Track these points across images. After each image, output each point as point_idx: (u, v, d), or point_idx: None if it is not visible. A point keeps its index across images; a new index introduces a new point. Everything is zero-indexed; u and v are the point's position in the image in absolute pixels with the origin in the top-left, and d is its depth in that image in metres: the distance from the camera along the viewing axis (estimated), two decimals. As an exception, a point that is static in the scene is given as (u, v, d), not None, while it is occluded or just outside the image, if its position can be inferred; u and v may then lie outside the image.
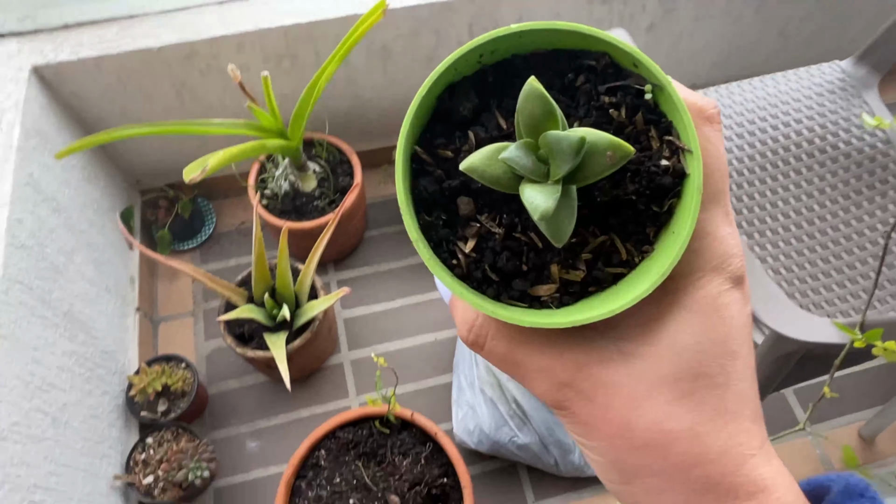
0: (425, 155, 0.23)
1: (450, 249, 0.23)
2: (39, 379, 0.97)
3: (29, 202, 1.05)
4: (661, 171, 0.22)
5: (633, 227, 0.23)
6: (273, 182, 1.35)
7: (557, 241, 0.21)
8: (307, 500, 0.98)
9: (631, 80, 0.23)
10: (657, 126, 0.23)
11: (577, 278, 0.22)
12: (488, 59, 0.23)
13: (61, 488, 0.97)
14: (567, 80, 0.23)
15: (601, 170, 0.20)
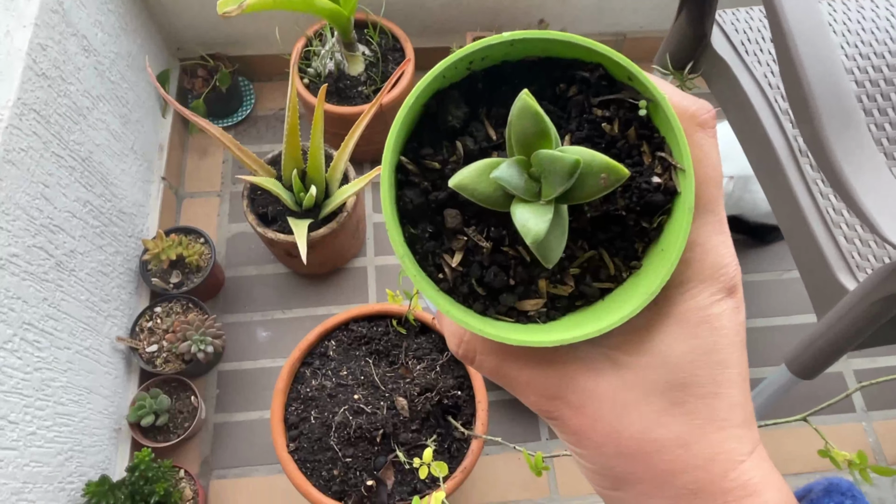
0: (411, 165, 0.22)
1: (436, 263, 0.22)
2: (47, 217, 0.91)
3: (55, 31, 0.97)
4: (653, 188, 0.21)
5: (621, 242, 0.22)
6: (318, 60, 1.24)
7: (548, 262, 0.20)
8: (310, 387, 0.91)
9: (625, 94, 0.22)
10: (650, 141, 0.22)
11: (564, 293, 0.22)
12: (478, 65, 0.22)
13: (58, 334, 0.92)
14: (559, 90, 0.22)
15: (594, 192, 0.20)
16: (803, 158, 0.81)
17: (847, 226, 0.78)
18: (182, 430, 1.08)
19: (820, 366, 0.76)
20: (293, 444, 0.88)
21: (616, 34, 1.51)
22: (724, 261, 0.21)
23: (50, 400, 0.89)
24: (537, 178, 0.20)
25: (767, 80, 0.85)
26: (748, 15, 0.92)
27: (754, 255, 1.36)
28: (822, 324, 0.73)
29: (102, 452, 1.02)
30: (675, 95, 0.21)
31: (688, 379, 0.21)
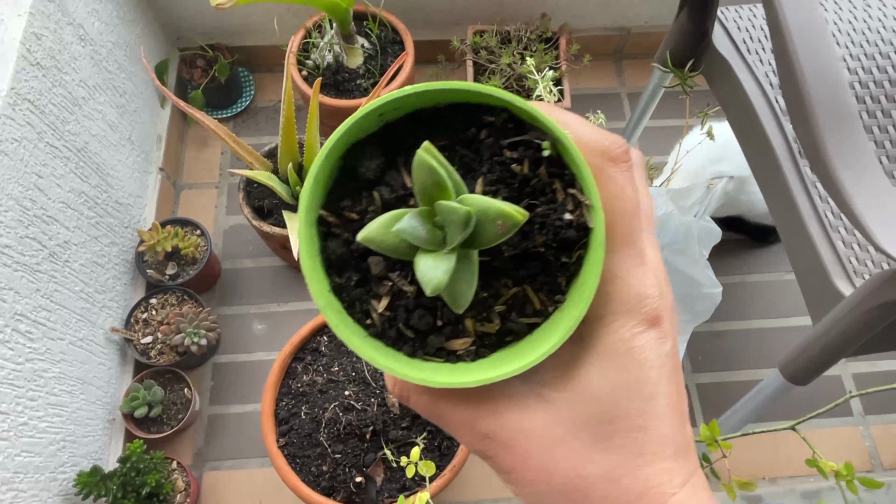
0: (332, 217, 0.23)
1: (364, 309, 0.23)
2: (40, 208, 0.91)
3: (51, 20, 0.96)
4: (566, 224, 0.22)
5: (544, 277, 0.22)
6: (316, 52, 1.23)
7: (457, 307, 0.21)
8: (301, 383, 0.91)
9: (531, 135, 0.22)
10: (561, 178, 0.22)
11: (492, 330, 0.22)
12: (391, 115, 0.23)
13: (51, 325, 0.92)
14: (471, 134, 0.23)
15: (494, 238, 0.20)
16: (803, 161, 0.80)
17: (846, 230, 0.77)
18: (175, 422, 1.08)
19: (813, 372, 0.75)
20: (283, 440, 0.88)
21: (620, 28, 1.50)
22: (646, 292, 0.21)
23: (42, 390, 0.89)
24: (441, 227, 0.21)
25: (769, 79, 0.84)
26: (751, 12, 0.90)
27: (755, 255, 1.35)
28: (817, 330, 0.71)
29: (96, 443, 1.03)
30: (587, 132, 0.22)
31: (614, 413, 0.21)
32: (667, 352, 0.21)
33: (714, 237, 1.02)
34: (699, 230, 1.00)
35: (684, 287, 1.04)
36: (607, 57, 1.55)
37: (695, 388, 1.24)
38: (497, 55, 1.27)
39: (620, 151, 0.21)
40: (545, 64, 1.24)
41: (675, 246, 0.97)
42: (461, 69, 1.34)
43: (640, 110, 1.08)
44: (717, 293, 1.02)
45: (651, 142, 1.45)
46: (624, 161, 0.21)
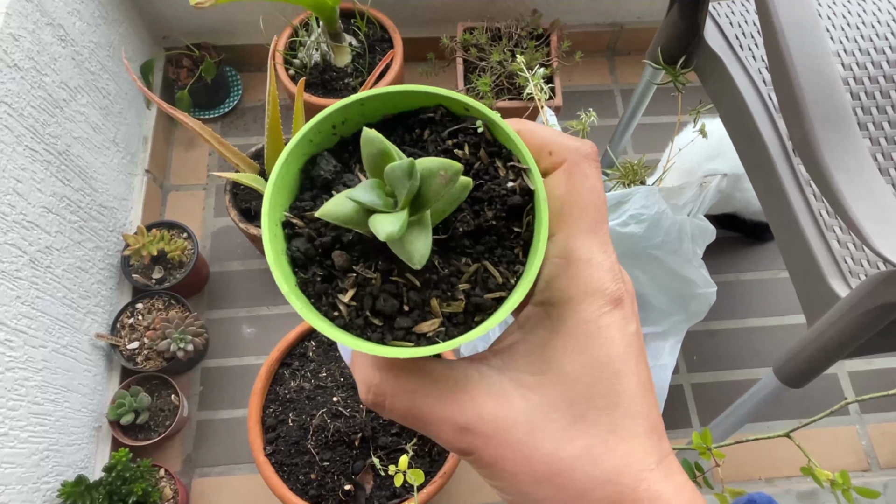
0: (295, 219, 0.24)
1: (330, 302, 0.23)
2: (20, 214, 0.89)
3: (29, 20, 0.94)
4: (510, 191, 0.24)
5: (500, 250, 0.24)
6: (303, 51, 1.21)
7: (413, 262, 0.21)
8: (288, 389, 0.89)
9: (467, 122, 0.25)
10: (499, 156, 0.24)
11: (458, 309, 0.23)
12: (342, 130, 0.25)
13: (33, 332, 0.90)
14: (415, 134, 0.25)
15: (439, 190, 0.21)
16: (797, 159, 0.78)
17: (840, 230, 0.76)
18: (163, 429, 1.07)
19: (809, 374, 0.73)
20: (270, 447, 0.86)
21: (612, 24, 1.48)
22: (609, 274, 0.22)
23: (24, 400, 0.87)
24: (392, 195, 0.22)
25: (762, 75, 0.82)
26: (743, 7, 0.89)
27: (750, 253, 1.34)
28: (812, 332, 0.70)
29: (81, 451, 1.01)
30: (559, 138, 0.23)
31: (586, 392, 0.21)
32: (633, 332, 0.22)
33: (709, 235, 1.00)
34: (693, 229, 0.98)
35: (678, 287, 1.02)
36: (600, 53, 1.53)
37: (690, 389, 1.23)
38: (487, 53, 1.25)
39: (591, 151, 0.23)
40: (536, 61, 1.22)
41: (669, 245, 0.96)
42: (451, 67, 1.32)
43: (633, 107, 1.07)
44: (712, 293, 1.01)
45: (644, 139, 1.43)
46: (595, 160, 0.23)
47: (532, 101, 1.21)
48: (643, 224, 0.92)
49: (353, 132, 0.25)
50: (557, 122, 0.99)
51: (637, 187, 0.92)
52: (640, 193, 0.92)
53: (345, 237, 0.24)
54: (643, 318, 1.07)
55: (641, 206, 0.92)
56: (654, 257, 0.97)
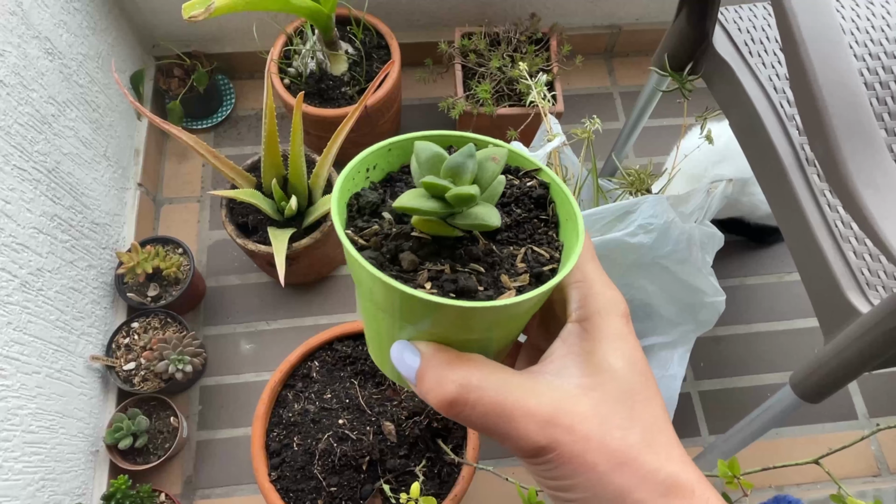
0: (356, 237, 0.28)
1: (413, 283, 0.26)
2: (9, 236, 0.86)
3: (14, 34, 0.91)
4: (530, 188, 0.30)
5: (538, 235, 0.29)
6: (298, 59, 1.18)
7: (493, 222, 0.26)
8: (292, 412, 0.87)
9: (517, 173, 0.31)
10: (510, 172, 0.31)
11: (525, 281, 0.27)
12: (374, 175, 0.30)
13: (25, 359, 0.87)
14: None
15: (493, 172, 0.26)
16: (810, 168, 0.77)
17: (856, 240, 0.74)
18: (162, 452, 1.04)
19: (828, 390, 0.72)
20: (275, 473, 0.83)
21: (611, 27, 1.46)
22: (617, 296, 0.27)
23: (17, 429, 0.84)
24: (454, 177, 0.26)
25: (773, 82, 0.81)
26: (751, 13, 0.87)
27: (754, 257, 1.32)
28: (832, 348, 0.68)
29: (78, 478, 0.98)
30: None
31: (632, 387, 0.25)
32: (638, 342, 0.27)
33: (717, 242, 0.98)
34: (701, 236, 0.96)
35: (686, 297, 1.01)
36: (597, 56, 1.51)
37: (697, 396, 1.21)
38: (486, 58, 1.23)
39: None
40: (536, 66, 1.20)
41: (678, 255, 0.94)
42: (449, 73, 1.30)
43: (637, 114, 1.05)
44: (721, 301, 0.99)
45: (648, 142, 1.42)
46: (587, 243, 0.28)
47: (533, 107, 1.19)
48: (652, 234, 0.90)
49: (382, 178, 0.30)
50: (561, 131, 0.97)
51: (644, 196, 0.90)
52: (648, 203, 0.90)
53: (404, 245, 0.26)
54: (651, 328, 1.05)
55: (650, 215, 0.90)
56: (663, 267, 0.95)
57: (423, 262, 0.26)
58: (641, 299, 1.00)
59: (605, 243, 0.91)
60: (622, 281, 0.97)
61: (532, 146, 1.00)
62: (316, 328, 1.22)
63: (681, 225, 0.93)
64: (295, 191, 1.06)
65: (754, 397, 1.21)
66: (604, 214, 0.91)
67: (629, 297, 1.00)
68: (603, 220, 0.91)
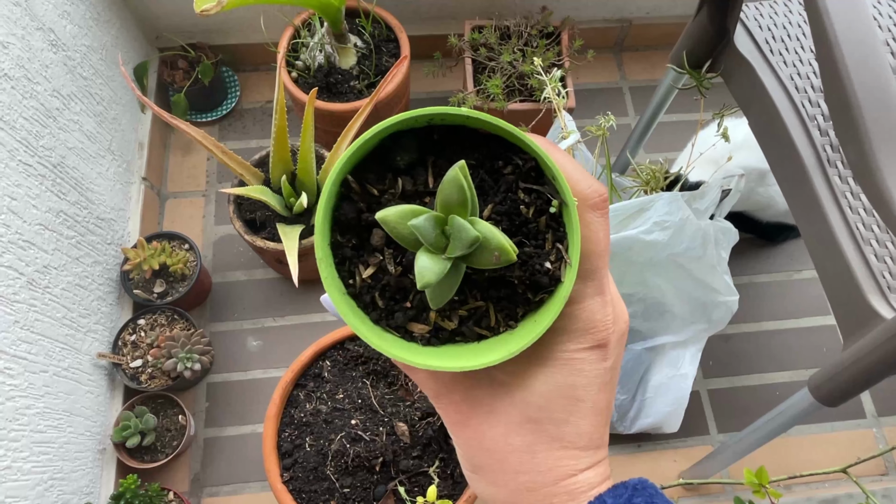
0: (355, 185, 0.26)
1: (350, 270, 0.26)
2: (15, 233, 0.84)
3: (18, 26, 0.88)
4: (543, 271, 0.25)
5: (507, 303, 0.26)
6: (306, 52, 1.16)
7: (434, 304, 0.24)
8: (304, 412, 0.86)
9: (546, 189, 0.26)
10: (555, 232, 0.26)
11: (449, 327, 0.26)
12: (438, 121, 0.26)
13: (33, 358, 0.86)
14: (497, 164, 0.26)
15: (487, 263, 0.24)
16: (832, 169, 0.76)
17: (878, 243, 0.73)
18: (171, 450, 1.03)
19: (848, 395, 0.71)
20: (287, 474, 0.83)
21: (621, 20, 1.44)
22: (598, 318, 0.25)
23: (26, 429, 0.83)
24: (448, 236, 0.24)
25: (794, 82, 0.79)
26: (772, 10, 0.85)
27: (763, 254, 1.32)
28: (853, 353, 0.68)
29: (86, 477, 0.97)
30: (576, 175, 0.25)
31: (546, 406, 0.25)
32: (605, 367, 0.26)
33: (732, 237, 0.97)
34: (716, 232, 0.95)
35: (700, 295, 1.00)
36: (607, 50, 1.49)
37: (706, 394, 1.21)
38: (497, 52, 1.21)
39: (600, 200, 0.25)
40: (548, 61, 1.18)
41: (692, 252, 0.93)
42: (458, 67, 1.28)
43: (652, 111, 1.03)
44: (734, 301, 0.99)
45: (661, 138, 1.40)
46: (601, 209, 0.25)
47: (544, 103, 1.17)
48: (667, 231, 0.89)
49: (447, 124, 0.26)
50: (575, 127, 0.96)
51: (659, 194, 0.89)
52: (663, 200, 0.89)
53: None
54: (664, 327, 1.05)
55: (665, 212, 0.89)
56: (678, 265, 0.94)
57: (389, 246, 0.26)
58: (655, 298, 0.99)
59: (621, 241, 0.90)
60: (637, 279, 0.97)
61: (544, 143, 0.99)
62: (323, 325, 1.21)
63: (696, 222, 0.92)
64: (303, 186, 1.05)
65: (763, 396, 1.21)
66: (619, 211, 0.90)
67: (643, 295, 0.99)
68: (618, 217, 0.91)
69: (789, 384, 1.22)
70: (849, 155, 0.54)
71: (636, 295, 1.00)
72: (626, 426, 1.09)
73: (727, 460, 0.96)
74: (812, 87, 0.79)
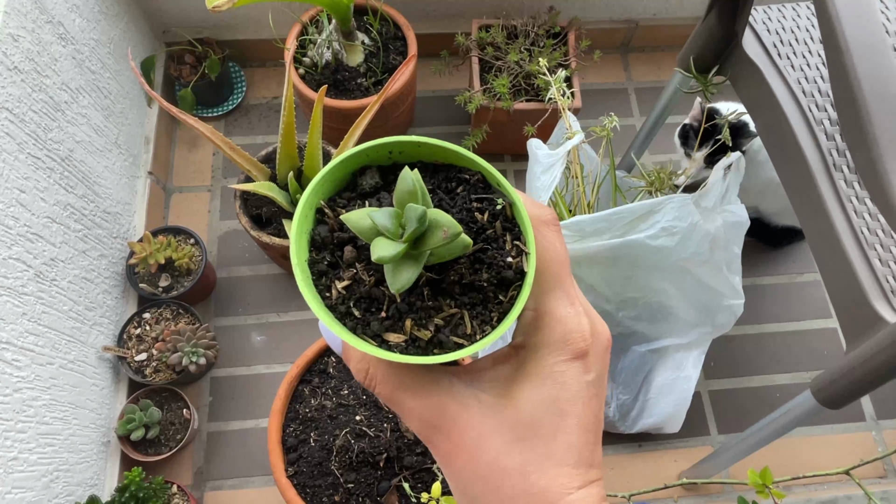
0: (328, 210, 0.28)
1: (327, 284, 0.28)
2: (24, 226, 0.85)
3: (28, 19, 0.89)
4: (507, 266, 0.27)
5: (481, 309, 0.27)
6: (314, 49, 1.16)
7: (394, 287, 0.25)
8: (309, 407, 0.87)
9: (495, 195, 0.28)
10: (511, 232, 0.28)
11: (424, 336, 0.26)
12: (398, 157, 0.29)
13: (40, 350, 0.86)
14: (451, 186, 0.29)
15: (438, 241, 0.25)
16: (837, 173, 0.76)
17: (882, 247, 0.74)
18: (174, 443, 1.03)
19: (850, 398, 0.72)
20: (292, 468, 0.83)
21: (628, 21, 1.44)
22: (572, 328, 0.26)
23: (32, 421, 0.84)
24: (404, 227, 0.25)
25: (801, 86, 0.80)
26: (780, 13, 0.86)
27: (765, 257, 1.32)
28: (856, 355, 0.68)
29: (91, 469, 0.97)
30: (527, 203, 0.27)
31: (533, 421, 0.25)
32: (589, 381, 0.26)
33: (742, 226, 0.95)
34: (726, 230, 0.94)
35: (706, 298, 1.00)
36: (613, 50, 1.49)
37: (707, 395, 1.22)
38: (504, 51, 1.21)
39: (551, 218, 0.27)
40: (554, 61, 1.19)
41: (699, 257, 0.93)
42: (465, 65, 1.28)
43: (657, 114, 1.04)
44: (739, 305, 0.99)
45: (664, 138, 1.40)
46: (554, 224, 0.27)
47: (551, 103, 1.18)
48: (675, 237, 0.89)
49: (405, 161, 0.29)
50: (580, 128, 0.96)
51: (669, 197, 0.89)
52: (673, 205, 0.89)
53: (360, 241, 0.28)
54: (668, 330, 1.05)
55: (674, 217, 0.89)
56: (684, 269, 0.95)
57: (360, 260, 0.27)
58: (660, 301, 1.00)
59: (626, 245, 0.90)
60: (642, 282, 0.97)
61: (550, 143, 0.99)
62: (327, 321, 1.22)
63: (704, 227, 0.92)
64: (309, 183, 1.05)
65: (764, 398, 1.22)
66: (625, 214, 0.90)
67: (648, 298, 1.00)
68: (624, 219, 0.91)
69: (790, 386, 1.22)
70: (857, 160, 0.55)
71: (641, 298, 1.01)
72: (628, 425, 1.10)
73: (728, 461, 0.97)
74: (819, 91, 0.79)
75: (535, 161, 0.91)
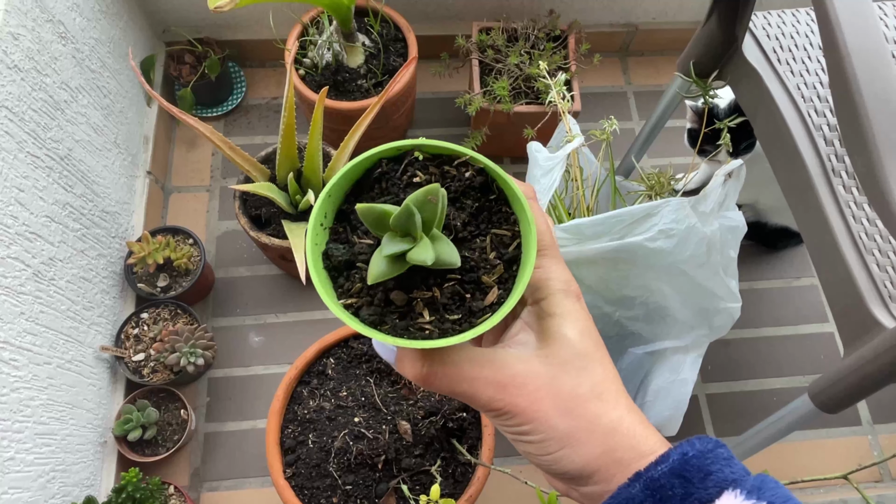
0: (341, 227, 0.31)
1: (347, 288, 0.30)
2: (22, 225, 0.84)
3: (28, 17, 0.89)
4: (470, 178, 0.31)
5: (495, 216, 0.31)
6: (314, 50, 1.16)
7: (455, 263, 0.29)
8: (307, 409, 0.86)
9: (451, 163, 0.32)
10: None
11: (500, 272, 0.30)
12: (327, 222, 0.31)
13: (37, 349, 0.86)
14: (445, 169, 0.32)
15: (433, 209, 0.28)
16: (836, 178, 0.76)
17: (880, 252, 0.74)
18: (171, 444, 1.03)
19: (847, 402, 0.72)
20: (290, 470, 0.83)
21: (627, 25, 1.45)
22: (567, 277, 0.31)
23: (29, 420, 0.83)
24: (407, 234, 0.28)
25: (801, 91, 0.80)
26: (780, 19, 0.86)
27: (763, 261, 1.32)
28: (854, 360, 0.69)
29: (87, 469, 0.97)
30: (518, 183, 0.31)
31: (583, 351, 0.30)
32: (587, 312, 0.31)
33: (739, 231, 0.96)
34: (723, 233, 0.95)
35: (703, 301, 1.00)
36: (613, 54, 1.50)
37: (704, 399, 1.22)
38: (504, 54, 1.21)
39: (532, 192, 0.31)
40: (554, 64, 1.19)
41: (697, 259, 0.94)
42: (465, 68, 1.28)
43: (657, 118, 1.04)
44: (736, 308, 0.99)
45: (662, 142, 1.41)
46: (534, 198, 0.31)
47: (551, 106, 1.18)
48: (673, 239, 0.89)
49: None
50: (579, 131, 0.96)
51: (666, 200, 0.89)
52: (670, 207, 0.89)
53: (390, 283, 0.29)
54: (665, 332, 1.05)
55: (672, 220, 0.89)
56: (682, 271, 0.95)
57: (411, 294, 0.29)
58: (657, 302, 1.00)
59: (624, 247, 0.91)
60: (639, 282, 0.97)
61: (549, 145, 1.00)
62: (325, 322, 1.22)
63: (701, 230, 0.92)
64: (309, 184, 1.05)
65: (761, 401, 1.22)
66: (624, 217, 0.90)
67: (645, 299, 1.00)
68: (622, 222, 0.91)
69: (787, 390, 1.23)
70: (856, 165, 0.55)
71: (638, 298, 1.01)
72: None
73: (725, 464, 0.97)
74: (818, 96, 0.80)
75: (534, 164, 0.91)
